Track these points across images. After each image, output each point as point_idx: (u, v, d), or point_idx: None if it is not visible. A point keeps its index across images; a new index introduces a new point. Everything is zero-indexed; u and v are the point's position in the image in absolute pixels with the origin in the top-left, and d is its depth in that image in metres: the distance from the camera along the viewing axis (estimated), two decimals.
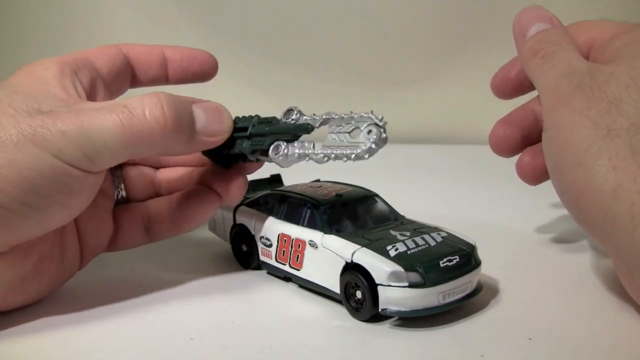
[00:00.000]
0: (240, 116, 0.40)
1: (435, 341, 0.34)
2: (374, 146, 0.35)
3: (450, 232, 0.40)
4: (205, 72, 0.45)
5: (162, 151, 0.37)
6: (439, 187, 0.71)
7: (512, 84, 0.46)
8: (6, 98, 0.34)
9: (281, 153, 0.38)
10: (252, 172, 0.43)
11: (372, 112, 0.36)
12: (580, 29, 0.42)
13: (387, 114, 0.36)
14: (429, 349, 0.33)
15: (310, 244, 0.39)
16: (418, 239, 0.38)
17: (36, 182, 0.32)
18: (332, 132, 0.37)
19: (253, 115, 0.40)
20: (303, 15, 1.06)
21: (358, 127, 0.36)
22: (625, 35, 0.38)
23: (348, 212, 0.41)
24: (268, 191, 0.45)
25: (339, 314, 0.37)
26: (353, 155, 0.35)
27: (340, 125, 0.37)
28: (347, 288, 0.37)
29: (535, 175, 0.44)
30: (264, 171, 0.52)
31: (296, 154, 0.37)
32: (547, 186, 0.40)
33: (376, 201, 0.43)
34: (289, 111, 0.39)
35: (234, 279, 0.43)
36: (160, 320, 0.37)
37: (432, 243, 0.37)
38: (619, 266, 0.35)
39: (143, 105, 0.34)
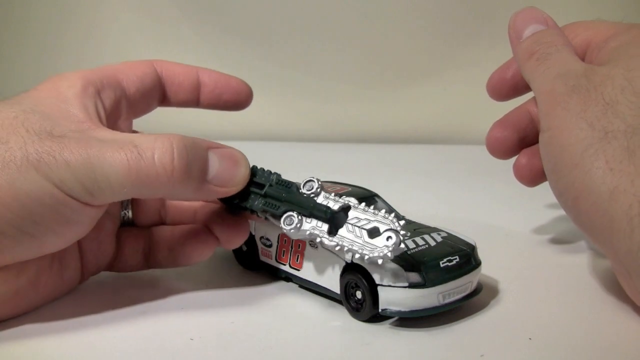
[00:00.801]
0: (259, 167, 0.38)
1: (435, 341, 0.34)
2: (389, 254, 0.34)
3: (450, 232, 0.40)
4: (239, 101, 0.44)
5: (167, 197, 0.36)
6: (438, 187, 0.71)
7: (508, 86, 0.46)
8: (22, 115, 0.33)
9: (293, 226, 0.36)
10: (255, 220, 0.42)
11: (394, 215, 0.35)
12: (577, 29, 0.42)
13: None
14: (429, 349, 0.33)
15: (310, 244, 0.39)
16: (418, 239, 0.38)
17: (33, 209, 0.32)
18: (350, 224, 0.36)
19: (272, 172, 0.38)
20: (302, 15, 1.06)
21: (377, 228, 0.35)
22: (621, 35, 0.38)
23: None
24: None
25: (339, 314, 0.37)
26: (366, 257, 0.34)
27: (358, 219, 0.36)
28: (347, 288, 0.37)
29: (532, 177, 0.44)
30: None
31: (307, 233, 0.36)
32: (547, 187, 0.40)
33: (376, 201, 0.43)
34: (309, 182, 0.38)
35: (234, 279, 0.43)
36: (160, 320, 0.37)
37: (432, 243, 0.38)
38: (618, 268, 0.35)
39: (153, 148, 0.33)
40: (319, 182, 0.37)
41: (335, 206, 0.36)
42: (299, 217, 0.36)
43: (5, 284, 0.34)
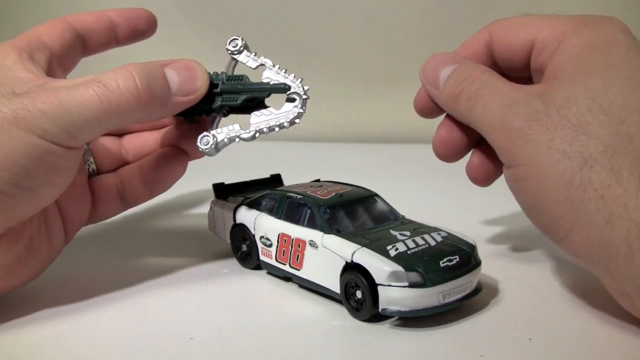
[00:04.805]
0: (210, 72, 0.41)
1: (435, 341, 0.34)
2: (302, 110, 0.39)
3: (450, 232, 0.40)
4: (149, 29, 0.46)
5: (140, 120, 0.38)
6: (438, 187, 0.71)
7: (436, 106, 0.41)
8: None
9: (211, 143, 0.39)
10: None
11: (292, 75, 0.40)
12: (513, 29, 0.39)
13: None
14: (429, 349, 0.33)
15: (310, 244, 0.39)
16: (418, 239, 0.38)
17: (26, 164, 0.33)
18: (255, 114, 0.40)
19: (219, 72, 0.41)
20: (303, 15, 1.06)
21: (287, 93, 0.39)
22: (574, 38, 0.36)
23: (348, 212, 0.41)
24: (268, 191, 0.45)
25: (339, 314, 0.37)
26: (286, 123, 0.39)
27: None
28: (347, 288, 0.37)
29: (487, 178, 0.42)
30: (263, 171, 0.52)
31: (226, 140, 0.39)
32: None
33: (376, 201, 0.43)
34: (234, 40, 0.41)
35: (234, 279, 0.43)
36: (160, 320, 0.37)
37: (432, 243, 0.37)
38: (614, 288, 0.34)
39: (116, 79, 0.35)
40: (243, 41, 0.41)
41: (253, 65, 0.41)
42: (212, 135, 0.39)
43: (9, 252, 0.36)
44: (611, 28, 0.35)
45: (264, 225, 0.42)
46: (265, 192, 0.45)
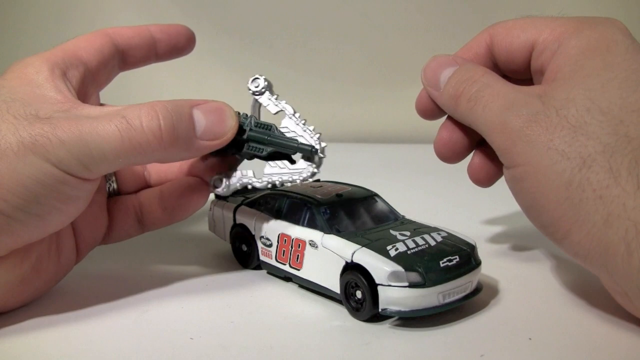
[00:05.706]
0: (240, 112, 0.40)
1: (435, 341, 0.34)
2: (316, 170, 0.39)
3: (450, 232, 0.40)
4: (188, 46, 0.45)
5: (161, 160, 0.37)
6: (438, 187, 0.71)
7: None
8: (4, 105, 0.34)
9: (224, 186, 0.40)
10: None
11: (311, 128, 0.40)
12: (513, 30, 0.39)
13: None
14: (429, 349, 0.33)
15: (310, 244, 0.39)
16: (418, 239, 0.38)
17: (36, 191, 0.33)
18: (270, 164, 0.40)
19: (247, 114, 0.40)
20: (303, 15, 1.06)
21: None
22: (574, 39, 0.36)
23: (348, 212, 0.41)
24: (268, 191, 0.45)
25: (339, 314, 0.37)
26: (298, 180, 0.39)
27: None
28: (347, 288, 0.37)
29: (488, 179, 0.42)
30: None
31: (238, 185, 0.40)
32: None
33: (376, 201, 0.43)
34: (256, 79, 0.41)
35: (234, 279, 0.43)
36: (160, 320, 0.37)
37: (432, 243, 0.37)
38: (613, 288, 0.34)
39: (140, 117, 0.34)
40: (266, 81, 0.41)
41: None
42: (226, 179, 0.40)
43: (12, 272, 0.35)
44: (610, 29, 0.35)
45: (264, 225, 0.42)
46: (265, 192, 0.45)
